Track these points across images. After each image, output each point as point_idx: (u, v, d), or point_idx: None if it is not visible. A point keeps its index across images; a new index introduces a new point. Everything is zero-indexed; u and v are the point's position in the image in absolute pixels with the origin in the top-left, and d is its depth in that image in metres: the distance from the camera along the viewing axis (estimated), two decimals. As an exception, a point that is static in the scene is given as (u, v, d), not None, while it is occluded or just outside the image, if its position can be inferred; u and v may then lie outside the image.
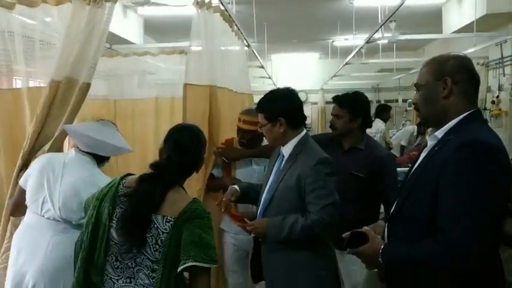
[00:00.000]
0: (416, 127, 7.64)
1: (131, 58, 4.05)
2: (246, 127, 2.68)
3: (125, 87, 4.08)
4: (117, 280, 1.60)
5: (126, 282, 1.59)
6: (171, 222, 1.56)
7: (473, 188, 1.33)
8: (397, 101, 10.04)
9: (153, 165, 1.68)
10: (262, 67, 6.37)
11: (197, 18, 2.51)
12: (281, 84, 2.34)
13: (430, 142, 1.54)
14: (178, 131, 1.78)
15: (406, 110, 10.37)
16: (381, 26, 3.58)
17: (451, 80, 1.47)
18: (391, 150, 7.22)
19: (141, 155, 3.79)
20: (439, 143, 1.48)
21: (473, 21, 4.81)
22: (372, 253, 1.53)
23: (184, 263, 1.51)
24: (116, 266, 1.61)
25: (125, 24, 5.61)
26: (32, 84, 2.46)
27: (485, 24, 5.04)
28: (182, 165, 1.71)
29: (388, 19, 3.30)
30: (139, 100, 4.01)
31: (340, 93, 2.81)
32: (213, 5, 2.59)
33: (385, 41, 7.41)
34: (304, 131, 2.23)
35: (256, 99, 2.35)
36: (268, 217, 2.16)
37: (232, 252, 2.91)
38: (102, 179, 2.05)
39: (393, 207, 1.59)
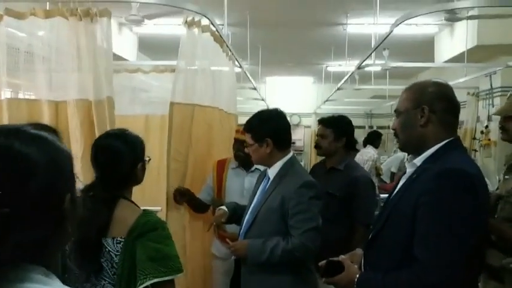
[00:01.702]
0: (406, 154, 7.65)
1: (123, 75, 4.05)
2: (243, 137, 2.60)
3: (116, 103, 4.06)
4: None
5: None
6: (122, 243, 1.47)
7: (448, 218, 1.31)
8: (389, 127, 10.09)
9: (86, 190, 1.55)
10: (255, 89, 6.39)
11: (186, 38, 2.51)
12: (274, 107, 2.33)
13: (409, 169, 1.53)
14: (100, 141, 1.63)
15: (398, 137, 10.40)
16: (372, 52, 3.62)
17: (429, 108, 1.47)
18: (381, 177, 7.23)
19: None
20: (418, 171, 1.47)
21: (464, 52, 4.88)
22: (346, 283, 1.51)
23: (142, 283, 1.42)
24: None
25: (120, 42, 5.63)
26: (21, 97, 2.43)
27: (476, 55, 5.11)
28: (117, 175, 1.56)
29: (378, 45, 3.33)
30: (130, 116, 3.98)
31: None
32: (203, 24, 2.60)
33: (378, 68, 7.50)
34: (291, 153, 2.22)
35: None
36: (250, 238, 2.12)
37: (221, 279, 2.85)
38: None
39: (370, 235, 1.57)
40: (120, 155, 1.56)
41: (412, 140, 1.53)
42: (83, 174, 2.16)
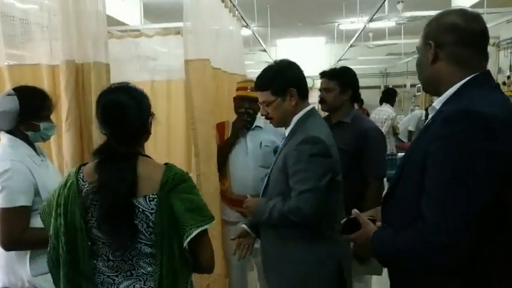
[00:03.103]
0: (424, 112, 7.44)
1: (127, 40, 3.93)
2: (254, 94, 2.34)
3: (121, 70, 3.95)
4: (117, 276, 1.46)
5: (125, 277, 1.44)
6: (156, 200, 1.39)
7: (456, 169, 1.13)
8: (405, 86, 9.83)
9: (100, 151, 1.44)
10: (264, 50, 6.21)
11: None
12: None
13: (430, 115, 1.39)
14: (105, 96, 1.47)
15: (415, 95, 10.15)
16: (384, 1, 3.40)
17: (434, 43, 1.31)
18: (398, 136, 7.05)
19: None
20: (435, 115, 1.28)
21: (483, -1, 4.62)
22: (364, 240, 1.40)
23: (190, 233, 1.38)
24: (110, 266, 1.46)
25: (124, 8, 5.47)
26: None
27: (497, 1, 4.83)
28: (129, 131, 1.45)
29: (391, -7, 3.11)
30: (136, 83, 3.88)
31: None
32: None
33: (392, 24, 7.20)
34: (310, 106, 1.99)
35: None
36: None
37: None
38: None
39: (386, 188, 1.45)
40: (129, 109, 1.43)
41: (427, 81, 1.38)
42: (69, 139, 2.10)
